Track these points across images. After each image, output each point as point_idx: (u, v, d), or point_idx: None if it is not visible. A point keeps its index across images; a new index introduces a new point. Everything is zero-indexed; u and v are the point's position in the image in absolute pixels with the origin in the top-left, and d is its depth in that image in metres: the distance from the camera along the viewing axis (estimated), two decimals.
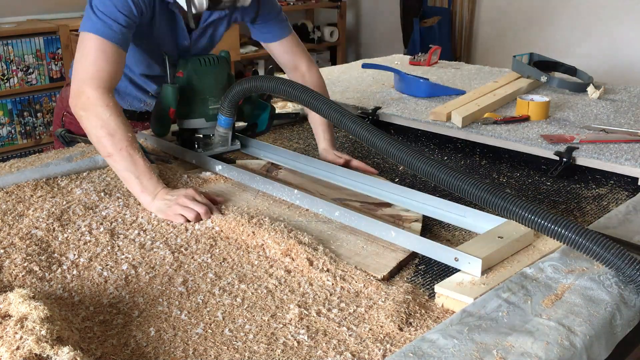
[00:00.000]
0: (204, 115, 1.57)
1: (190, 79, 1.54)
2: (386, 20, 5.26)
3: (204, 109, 1.56)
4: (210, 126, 1.58)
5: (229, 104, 1.51)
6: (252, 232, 1.18)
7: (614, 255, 0.95)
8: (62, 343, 0.83)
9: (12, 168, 1.55)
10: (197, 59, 1.54)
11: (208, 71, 1.55)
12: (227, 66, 1.59)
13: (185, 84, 1.53)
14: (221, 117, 1.54)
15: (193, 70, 1.54)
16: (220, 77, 1.57)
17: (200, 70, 1.54)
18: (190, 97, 1.54)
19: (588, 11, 4.09)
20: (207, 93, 1.56)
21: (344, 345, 0.90)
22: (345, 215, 1.24)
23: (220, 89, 1.56)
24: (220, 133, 1.58)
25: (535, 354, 0.82)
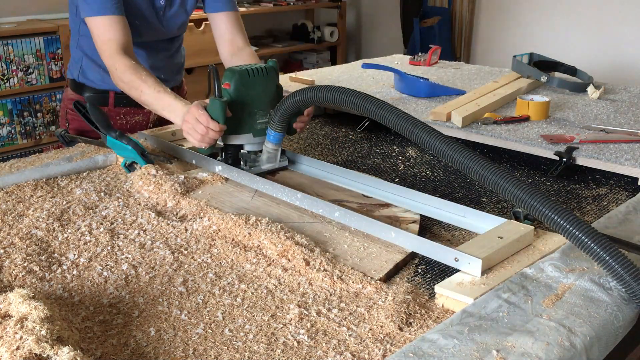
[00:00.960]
0: (252, 130, 1.46)
1: (237, 91, 1.43)
2: (386, 20, 5.26)
3: (251, 123, 1.46)
4: (257, 142, 1.48)
5: (280, 118, 1.39)
6: (249, 233, 1.18)
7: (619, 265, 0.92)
8: (62, 343, 0.83)
9: (12, 168, 1.55)
10: (245, 69, 1.43)
11: (257, 82, 1.44)
12: (275, 76, 1.49)
13: (232, 97, 1.43)
14: (271, 132, 1.42)
15: (241, 82, 1.42)
16: (269, 89, 1.47)
17: (248, 82, 1.43)
18: (237, 110, 1.43)
19: (588, 11, 4.09)
20: (256, 106, 1.45)
21: (344, 345, 0.90)
22: (345, 215, 1.24)
23: (268, 101, 1.46)
24: (268, 149, 1.47)
25: (535, 354, 0.82)
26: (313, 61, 5.23)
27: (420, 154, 1.74)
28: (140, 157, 1.46)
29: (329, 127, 1.98)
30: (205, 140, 1.42)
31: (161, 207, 1.35)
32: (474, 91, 2.07)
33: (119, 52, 1.60)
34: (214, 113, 1.40)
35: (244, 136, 1.47)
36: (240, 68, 1.44)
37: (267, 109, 1.46)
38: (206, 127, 1.39)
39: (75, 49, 1.87)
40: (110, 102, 1.86)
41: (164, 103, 1.53)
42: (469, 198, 1.43)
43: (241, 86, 1.42)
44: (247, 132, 1.46)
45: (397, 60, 2.76)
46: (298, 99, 1.32)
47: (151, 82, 1.56)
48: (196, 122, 1.41)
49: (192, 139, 1.44)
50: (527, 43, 4.23)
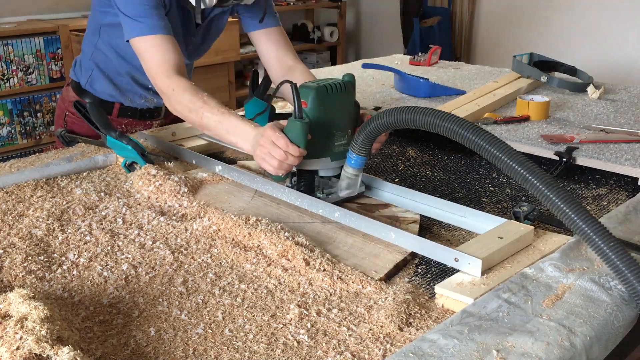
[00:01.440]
0: (330, 153, 1.32)
1: (315, 110, 1.28)
2: (386, 20, 5.26)
3: (330, 146, 1.31)
4: (335, 167, 1.33)
5: (364, 140, 1.24)
6: (249, 233, 1.18)
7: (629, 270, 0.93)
8: (62, 343, 0.83)
9: (12, 168, 1.55)
10: (324, 85, 1.29)
11: (336, 100, 1.29)
12: (353, 92, 1.35)
13: (310, 117, 1.28)
14: (352, 155, 1.28)
15: (319, 99, 1.27)
16: (348, 107, 1.33)
17: (327, 99, 1.28)
18: (315, 132, 1.28)
19: (588, 11, 4.09)
20: (335, 126, 1.30)
21: (344, 345, 0.90)
22: (345, 215, 1.24)
23: (348, 121, 1.33)
24: (348, 174, 1.32)
25: (535, 354, 0.82)
26: (313, 61, 5.23)
27: (420, 154, 1.74)
28: (140, 157, 1.46)
29: None
30: (283, 167, 1.27)
31: (161, 207, 1.35)
32: (474, 91, 2.07)
33: (176, 73, 1.48)
34: (294, 136, 1.25)
35: (321, 160, 1.32)
36: (317, 84, 1.29)
37: (346, 130, 1.32)
38: (285, 152, 1.24)
39: (87, 59, 1.79)
40: (114, 112, 1.82)
41: (229, 125, 1.37)
42: (469, 198, 1.43)
43: (319, 104, 1.28)
44: (325, 155, 1.31)
45: (397, 60, 2.76)
46: (389, 120, 1.17)
47: (214, 104, 1.41)
48: (273, 147, 1.25)
49: (268, 165, 1.28)
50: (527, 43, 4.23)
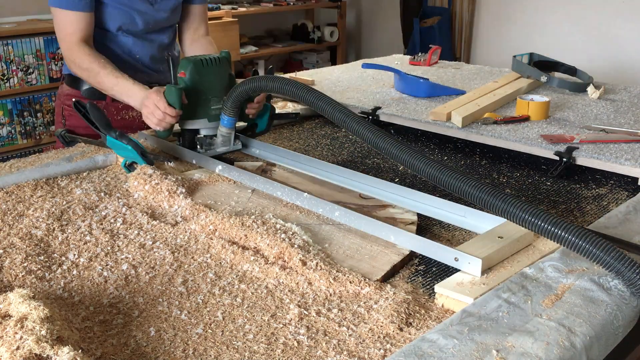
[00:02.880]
0: (207, 115, 1.58)
1: (192, 80, 1.55)
2: (386, 20, 5.26)
3: (206, 109, 1.57)
4: (212, 126, 1.59)
5: (232, 104, 1.52)
6: (245, 235, 1.18)
7: (613, 258, 0.94)
8: (62, 343, 0.83)
9: (12, 168, 1.55)
10: (200, 59, 1.55)
11: (210, 71, 1.56)
12: (228, 66, 1.61)
13: (188, 85, 1.54)
14: (224, 117, 1.55)
15: (195, 71, 1.54)
16: (222, 77, 1.58)
17: (202, 71, 1.55)
18: (193, 97, 1.55)
19: (588, 11, 4.09)
20: (210, 93, 1.57)
21: (344, 345, 0.90)
22: (345, 215, 1.24)
23: (222, 89, 1.58)
24: (222, 133, 1.58)
25: (535, 354, 0.82)
26: (313, 61, 5.23)
27: None
28: (140, 157, 1.46)
29: (329, 127, 1.98)
30: (162, 124, 1.53)
31: (160, 207, 1.35)
32: (474, 91, 2.07)
33: (79, 43, 1.69)
34: (171, 99, 1.51)
35: (199, 121, 1.58)
36: (195, 58, 1.56)
37: (220, 96, 1.57)
38: (163, 112, 1.50)
39: None
40: (108, 96, 1.85)
41: (123, 88, 1.64)
42: None
43: (196, 75, 1.54)
44: (203, 117, 1.58)
45: (397, 60, 2.76)
46: (248, 87, 1.46)
47: (110, 69, 1.66)
48: (154, 107, 1.51)
49: (150, 122, 1.54)
50: (527, 43, 4.24)
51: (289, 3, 4.94)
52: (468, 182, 1.06)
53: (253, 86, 1.45)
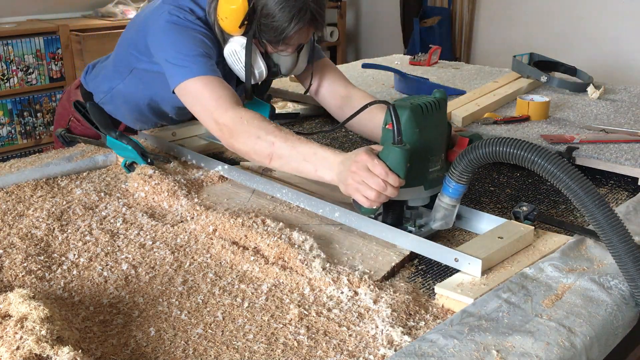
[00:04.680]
0: (424, 181, 1.17)
1: (410, 133, 1.13)
2: (386, 20, 5.26)
3: (424, 172, 1.17)
4: (428, 196, 1.20)
5: (465, 168, 1.09)
6: (245, 235, 1.18)
7: None
8: (62, 343, 0.83)
9: (12, 168, 1.55)
10: (418, 104, 1.14)
11: (431, 121, 1.15)
12: (446, 112, 1.21)
13: (405, 141, 1.13)
14: (451, 183, 1.13)
15: (414, 121, 1.13)
16: (442, 128, 1.19)
17: (422, 120, 1.14)
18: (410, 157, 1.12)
19: (588, 11, 4.09)
20: (429, 151, 1.16)
21: (344, 345, 0.90)
22: (345, 215, 1.24)
23: (442, 144, 1.20)
24: (444, 204, 1.15)
25: (535, 354, 0.82)
26: None
27: None
28: (140, 157, 1.46)
29: (329, 127, 1.98)
30: (380, 198, 1.11)
31: (160, 207, 1.35)
32: (474, 91, 2.07)
33: (239, 105, 1.37)
34: (393, 163, 1.10)
35: (414, 189, 1.17)
36: (411, 103, 1.14)
37: (440, 154, 1.19)
38: (384, 180, 1.09)
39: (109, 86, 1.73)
40: (120, 127, 1.79)
41: (307, 151, 1.22)
42: (469, 198, 1.43)
43: (414, 126, 1.13)
44: (419, 184, 1.17)
45: (397, 60, 2.76)
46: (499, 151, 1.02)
47: (287, 130, 1.29)
48: (370, 175, 1.10)
49: (362, 196, 1.12)
50: (527, 43, 4.23)
51: None
52: None
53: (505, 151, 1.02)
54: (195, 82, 1.40)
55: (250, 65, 1.49)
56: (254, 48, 1.48)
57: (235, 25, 1.43)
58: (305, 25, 1.42)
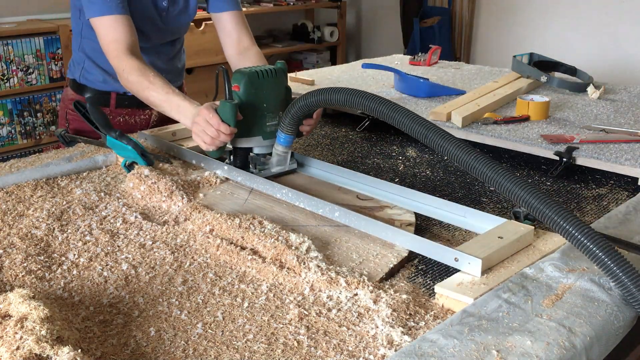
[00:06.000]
0: (262, 132, 1.45)
1: (247, 94, 1.41)
2: (386, 20, 5.26)
3: (261, 126, 1.44)
4: (267, 145, 1.46)
5: (290, 121, 1.38)
6: (242, 236, 1.18)
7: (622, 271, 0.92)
8: (62, 343, 0.83)
9: (12, 168, 1.55)
10: (255, 71, 1.42)
11: (266, 84, 1.42)
12: (284, 78, 1.48)
13: (242, 100, 1.41)
14: (281, 134, 1.41)
15: (250, 84, 1.41)
16: (278, 91, 1.45)
17: (258, 84, 1.41)
18: (247, 113, 1.42)
19: (588, 11, 4.09)
20: (266, 109, 1.43)
21: (344, 345, 0.90)
22: (345, 215, 1.24)
23: (278, 103, 1.45)
24: (278, 152, 1.45)
25: (535, 354, 0.82)
26: (313, 61, 5.23)
27: (420, 154, 1.74)
28: (140, 157, 1.46)
29: (329, 127, 1.98)
30: (215, 143, 1.40)
31: (159, 208, 1.35)
32: (474, 91, 2.07)
33: (126, 52, 1.59)
34: (225, 116, 1.38)
35: (253, 139, 1.45)
36: (249, 70, 1.42)
37: (276, 111, 1.44)
38: (217, 129, 1.37)
39: (77, 51, 1.86)
40: (112, 103, 1.86)
41: (173, 104, 1.51)
42: (469, 198, 1.43)
43: (251, 88, 1.41)
44: (257, 134, 1.44)
45: (397, 60, 2.76)
46: (310, 101, 1.30)
47: (159, 83, 1.54)
48: (207, 125, 1.38)
49: (202, 141, 1.42)
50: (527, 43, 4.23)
51: (289, 3, 4.94)
52: None
53: (316, 100, 1.29)
54: (96, 21, 1.62)
55: None
56: None
57: None
58: None
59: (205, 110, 1.39)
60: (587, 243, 0.93)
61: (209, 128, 1.38)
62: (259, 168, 1.47)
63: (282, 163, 1.48)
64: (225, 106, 1.38)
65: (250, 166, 1.48)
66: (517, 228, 1.14)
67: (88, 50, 1.82)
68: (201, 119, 1.39)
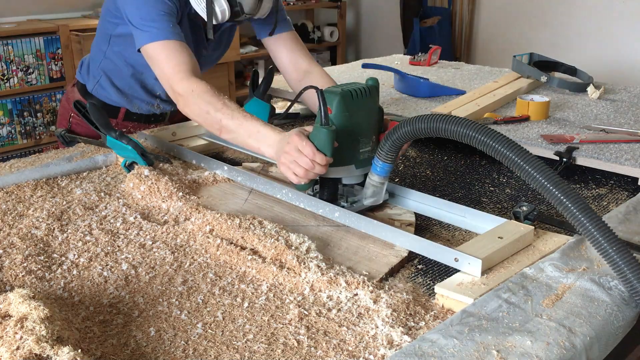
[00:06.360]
0: (355, 160, 1.27)
1: (341, 117, 1.23)
2: (386, 20, 5.26)
3: (354, 153, 1.26)
4: (359, 174, 1.28)
5: (391, 147, 1.20)
6: (241, 236, 1.18)
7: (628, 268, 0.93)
8: (62, 343, 0.83)
9: (12, 168, 1.55)
10: (349, 90, 1.24)
11: (361, 105, 1.24)
12: (377, 98, 1.31)
13: (335, 123, 1.22)
14: (379, 162, 1.23)
15: (344, 105, 1.22)
16: (372, 112, 1.28)
17: (351, 105, 1.23)
18: (340, 139, 1.23)
19: (588, 11, 4.09)
20: (360, 133, 1.26)
21: (344, 345, 0.90)
22: (345, 216, 1.24)
23: (372, 127, 1.28)
24: (374, 182, 1.27)
25: (535, 354, 0.82)
26: None
27: (420, 154, 1.74)
28: (140, 157, 1.46)
29: None
30: (308, 175, 1.22)
31: (159, 208, 1.35)
32: (474, 91, 2.07)
33: (193, 75, 1.44)
34: (321, 144, 1.20)
35: (345, 168, 1.26)
36: (341, 89, 1.24)
37: (370, 136, 1.28)
38: (311, 160, 1.19)
39: (96, 67, 1.78)
40: (120, 116, 1.82)
41: (252, 130, 1.32)
42: (469, 198, 1.43)
43: (344, 110, 1.23)
44: (349, 163, 1.26)
45: (397, 60, 2.76)
46: (418, 127, 1.13)
47: (234, 106, 1.37)
48: (299, 155, 1.20)
49: (292, 174, 1.23)
50: (527, 43, 4.23)
51: (289, 3, 4.94)
52: None
53: (424, 127, 1.12)
54: (154, 46, 1.47)
55: (211, 3, 1.53)
56: None
57: None
58: None
59: (297, 138, 1.21)
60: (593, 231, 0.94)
61: (302, 158, 1.20)
62: (351, 201, 1.30)
63: (377, 195, 1.29)
64: (321, 132, 1.19)
65: (340, 199, 1.31)
66: (517, 228, 1.14)
67: (108, 70, 1.76)
68: (292, 148, 1.21)
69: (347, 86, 1.26)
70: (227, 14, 1.55)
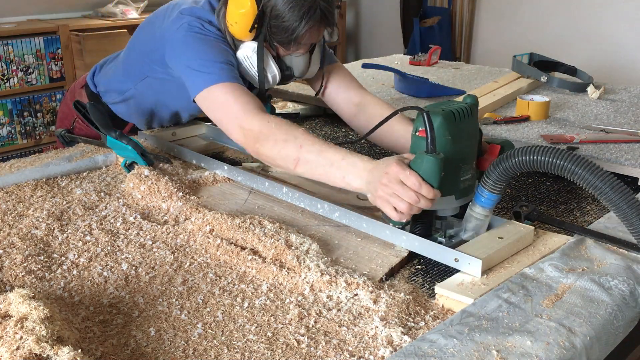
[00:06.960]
0: (455, 190, 1.12)
1: (442, 141, 1.07)
2: (386, 20, 5.26)
3: (455, 181, 1.11)
4: (458, 205, 1.15)
5: (500, 177, 1.06)
6: (242, 236, 1.18)
7: None
8: (62, 343, 0.83)
9: (12, 168, 1.55)
10: (451, 111, 1.08)
11: (463, 128, 1.09)
12: (477, 118, 1.15)
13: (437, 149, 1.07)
14: (484, 192, 1.09)
15: (446, 127, 1.07)
16: (474, 136, 1.13)
17: (454, 127, 1.07)
18: None
19: (588, 11, 4.09)
20: (461, 159, 1.10)
21: (344, 345, 0.90)
22: (345, 215, 1.24)
23: (473, 151, 1.14)
24: (476, 215, 1.12)
25: (535, 354, 0.82)
26: None
27: None
28: (140, 157, 1.46)
29: (329, 127, 1.98)
30: (412, 210, 1.07)
31: (159, 208, 1.35)
32: (473, 91, 2.07)
33: (263, 110, 1.36)
34: (427, 174, 1.04)
35: (445, 199, 1.11)
36: (443, 109, 1.08)
37: (471, 162, 1.14)
38: (417, 193, 1.05)
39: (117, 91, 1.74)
40: (126, 129, 1.81)
41: (335, 157, 1.18)
42: None
43: (446, 133, 1.07)
44: (450, 193, 1.11)
45: (397, 60, 2.76)
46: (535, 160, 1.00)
47: (316, 136, 1.25)
48: (401, 187, 1.05)
49: (392, 210, 1.09)
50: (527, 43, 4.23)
51: None
52: None
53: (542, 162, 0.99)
54: (221, 88, 1.38)
55: (263, 70, 1.48)
56: (266, 52, 1.48)
57: (246, 30, 1.42)
58: (316, 23, 1.42)
59: (398, 167, 1.06)
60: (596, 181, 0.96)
61: (405, 191, 1.05)
62: (449, 235, 1.16)
63: (479, 228, 1.13)
64: (427, 161, 1.04)
65: (436, 233, 1.17)
66: (517, 228, 1.14)
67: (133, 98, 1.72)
68: (392, 179, 1.06)
69: (446, 105, 1.10)
70: (278, 78, 1.51)
